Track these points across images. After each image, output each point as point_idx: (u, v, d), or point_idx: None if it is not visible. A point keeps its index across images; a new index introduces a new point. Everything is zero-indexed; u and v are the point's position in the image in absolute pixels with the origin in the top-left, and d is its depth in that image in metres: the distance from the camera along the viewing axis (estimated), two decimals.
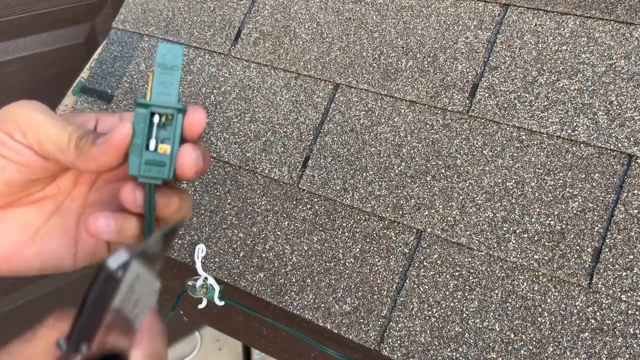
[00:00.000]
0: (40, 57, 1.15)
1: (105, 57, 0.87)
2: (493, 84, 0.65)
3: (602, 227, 0.57)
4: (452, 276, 0.62)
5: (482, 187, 0.63)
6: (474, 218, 0.62)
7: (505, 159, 0.62)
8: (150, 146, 0.35)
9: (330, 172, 0.70)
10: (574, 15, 0.64)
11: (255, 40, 0.79)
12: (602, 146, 0.59)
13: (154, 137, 0.35)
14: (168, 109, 0.35)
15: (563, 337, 0.56)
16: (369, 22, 0.73)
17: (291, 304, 0.67)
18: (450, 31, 0.69)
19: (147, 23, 0.86)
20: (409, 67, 0.70)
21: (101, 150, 0.34)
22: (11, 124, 0.36)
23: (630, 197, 0.57)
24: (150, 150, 0.35)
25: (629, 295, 0.54)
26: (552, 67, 0.63)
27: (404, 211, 0.65)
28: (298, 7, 0.78)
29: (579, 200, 0.59)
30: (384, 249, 0.65)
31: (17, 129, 0.36)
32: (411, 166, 0.66)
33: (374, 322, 0.63)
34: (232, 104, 0.77)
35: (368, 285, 0.64)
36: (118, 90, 0.84)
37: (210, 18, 0.82)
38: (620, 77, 0.60)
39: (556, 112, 0.62)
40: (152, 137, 0.35)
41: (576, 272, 0.57)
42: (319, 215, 0.69)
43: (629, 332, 0.54)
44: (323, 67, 0.74)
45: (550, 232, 0.59)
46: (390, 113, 0.69)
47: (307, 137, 0.72)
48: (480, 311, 0.59)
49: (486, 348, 0.58)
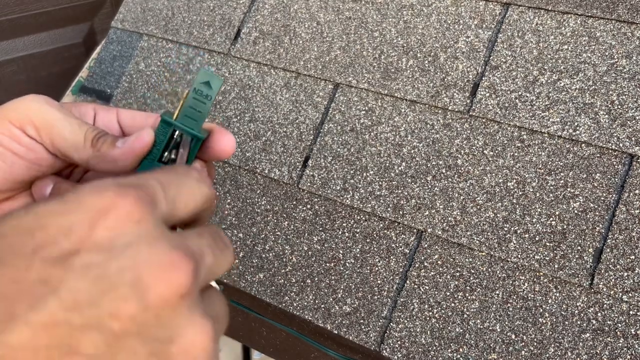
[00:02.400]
0: (39, 56, 1.14)
1: (104, 56, 0.87)
2: (494, 83, 0.65)
3: (604, 227, 0.57)
4: (452, 277, 0.61)
5: (483, 187, 0.62)
6: (475, 218, 0.62)
7: (506, 159, 0.62)
8: (163, 158, 0.36)
9: (330, 172, 0.69)
10: (575, 15, 0.64)
11: (255, 39, 0.78)
12: (604, 146, 0.59)
13: (169, 151, 0.37)
14: (190, 134, 0.36)
15: (564, 338, 0.56)
16: (369, 22, 0.73)
17: (291, 304, 0.67)
18: (451, 30, 0.69)
19: (147, 22, 0.86)
20: (409, 66, 0.69)
21: (121, 153, 0.35)
22: (25, 118, 0.36)
23: (631, 197, 0.56)
24: (163, 161, 0.37)
25: (630, 296, 0.54)
26: (553, 66, 0.63)
27: (405, 211, 0.65)
28: (298, 7, 0.78)
29: (580, 200, 0.58)
30: (384, 250, 0.65)
31: (30, 124, 0.36)
32: (412, 166, 0.66)
33: (374, 322, 0.63)
34: (232, 103, 0.77)
35: (368, 285, 0.64)
36: (117, 90, 0.84)
37: (209, 17, 0.82)
38: (621, 76, 0.60)
39: (557, 111, 0.61)
40: (167, 150, 0.36)
41: (577, 273, 0.56)
42: (319, 215, 0.69)
43: (630, 332, 0.54)
44: (323, 67, 0.73)
45: (551, 233, 0.58)
46: (390, 113, 0.69)
47: (307, 137, 0.72)
48: (481, 312, 0.59)
49: (487, 349, 0.58)
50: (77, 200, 0.23)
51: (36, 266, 0.21)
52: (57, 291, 0.20)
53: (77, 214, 0.22)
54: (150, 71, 0.83)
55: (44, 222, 0.22)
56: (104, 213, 0.22)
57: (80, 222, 0.22)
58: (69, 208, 0.22)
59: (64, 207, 0.22)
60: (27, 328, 0.19)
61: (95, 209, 0.22)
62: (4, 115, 0.35)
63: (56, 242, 0.21)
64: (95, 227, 0.22)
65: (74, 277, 0.21)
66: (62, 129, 0.35)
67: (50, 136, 0.36)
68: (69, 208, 0.22)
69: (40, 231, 0.22)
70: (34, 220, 0.22)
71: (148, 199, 0.24)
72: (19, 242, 0.21)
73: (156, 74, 0.83)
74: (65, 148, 0.36)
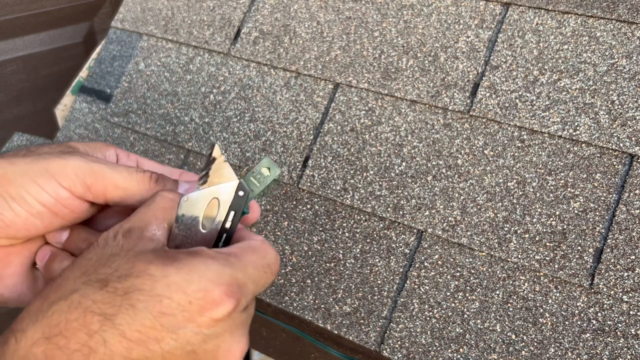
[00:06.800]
0: (39, 56, 1.14)
1: (104, 56, 0.87)
2: (494, 83, 0.65)
3: (604, 227, 0.57)
4: (453, 277, 0.61)
5: (483, 187, 0.62)
6: (475, 218, 0.62)
7: (506, 159, 0.62)
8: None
9: (330, 172, 0.69)
10: (575, 14, 0.64)
11: (255, 39, 0.78)
12: (604, 146, 0.58)
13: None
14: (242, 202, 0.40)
15: (564, 338, 0.56)
16: (370, 21, 0.73)
17: (291, 304, 0.67)
18: (451, 30, 0.69)
19: (146, 22, 0.85)
20: (409, 66, 0.69)
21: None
22: (74, 178, 0.37)
23: (631, 197, 0.56)
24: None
25: (630, 296, 0.54)
26: (553, 66, 0.63)
27: (405, 211, 0.65)
28: (298, 6, 0.77)
29: (580, 200, 0.58)
30: (385, 250, 0.65)
31: (80, 184, 0.37)
32: (412, 166, 0.66)
33: (375, 323, 0.63)
34: (232, 103, 0.77)
35: (368, 285, 0.64)
36: (117, 90, 0.84)
37: (209, 17, 0.82)
38: (622, 76, 0.60)
39: (557, 111, 0.61)
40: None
41: (577, 273, 0.56)
42: (319, 215, 0.69)
43: (631, 332, 0.54)
44: (323, 67, 0.73)
45: (551, 233, 0.58)
46: (390, 113, 0.69)
47: (307, 137, 0.72)
48: (481, 312, 0.59)
49: (487, 349, 0.58)
50: (197, 283, 0.31)
51: (154, 325, 0.30)
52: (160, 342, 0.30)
53: (193, 295, 0.31)
54: (150, 71, 0.83)
55: (170, 294, 0.30)
56: (212, 307, 0.31)
57: (195, 304, 0.31)
58: (188, 292, 0.31)
59: (185, 285, 0.31)
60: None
61: (207, 299, 0.31)
62: (53, 173, 0.36)
63: (174, 314, 0.30)
64: (202, 314, 0.31)
65: (173, 345, 0.30)
66: (113, 179, 0.38)
67: (102, 189, 0.38)
68: (188, 291, 0.31)
69: (167, 300, 0.30)
70: (164, 288, 0.30)
71: (243, 303, 0.33)
72: (152, 304, 0.30)
73: (156, 74, 0.83)
74: (119, 196, 0.38)
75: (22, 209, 0.35)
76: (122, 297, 0.30)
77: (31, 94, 1.18)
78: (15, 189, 0.35)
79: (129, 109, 0.82)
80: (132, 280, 0.31)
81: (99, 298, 0.30)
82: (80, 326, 0.29)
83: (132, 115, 0.82)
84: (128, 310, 0.30)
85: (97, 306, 0.30)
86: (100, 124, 0.84)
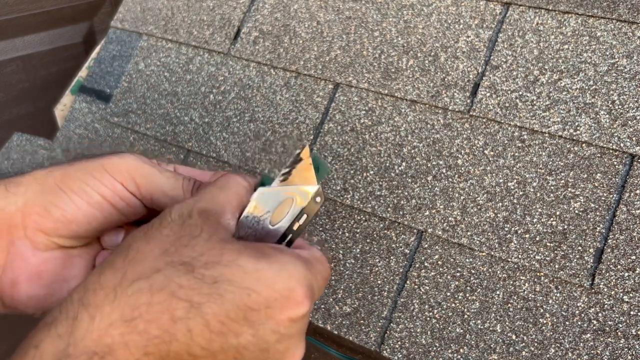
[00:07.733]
0: (39, 56, 1.14)
1: (103, 56, 0.87)
2: (494, 83, 0.65)
3: (604, 228, 0.57)
4: (453, 277, 0.61)
5: (484, 187, 0.62)
6: (475, 218, 0.61)
7: (506, 159, 0.62)
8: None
9: (331, 172, 0.69)
10: (575, 14, 0.64)
11: (254, 39, 0.78)
12: (604, 146, 0.58)
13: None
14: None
15: (565, 338, 0.56)
16: (370, 21, 0.73)
17: None
18: (452, 30, 0.69)
19: (146, 22, 0.85)
20: (409, 66, 0.69)
21: None
22: (126, 174, 0.38)
23: (632, 197, 0.56)
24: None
25: (631, 296, 0.54)
26: (553, 66, 0.63)
27: (405, 211, 0.65)
28: (298, 6, 0.77)
29: (580, 201, 0.58)
30: (385, 250, 0.64)
31: (131, 180, 0.38)
32: (412, 166, 0.66)
33: (375, 323, 0.63)
34: (232, 103, 0.77)
35: (368, 286, 0.64)
36: (116, 90, 0.84)
37: (209, 17, 0.82)
38: (622, 76, 0.60)
39: (558, 111, 0.61)
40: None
41: (578, 273, 0.56)
42: (318, 215, 0.68)
43: (631, 333, 0.53)
44: (323, 67, 0.73)
45: (552, 233, 0.58)
46: (390, 112, 0.69)
47: (307, 137, 0.72)
48: (481, 312, 0.59)
49: (487, 349, 0.58)
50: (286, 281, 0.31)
51: (237, 318, 0.29)
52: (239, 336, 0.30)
53: (280, 292, 0.30)
54: (149, 71, 0.83)
55: (260, 288, 0.30)
56: (293, 306, 0.31)
57: (279, 301, 0.30)
58: (276, 288, 0.30)
59: (275, 281, 0.30)
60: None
61: (291, 298, 0.31)
62: (107, 169, 0.38)
63: (259, 309, 0.30)
64: (283, 312, 0.30)
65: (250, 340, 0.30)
66: (161, 184, 0.39)
67: (150, 191, 0.39)
68: (276, 287, 0.30)
69: (255, 294, 0.30)
70: (254, 282, 0.30)
71: (313, 302, 0.33)
72: (240, 296, 0.29)
73: (156, 73, 0.83)
74: (165, 200, 0.39)
75: (83, 201, 0.37)
76: (210, 286, 0.29)
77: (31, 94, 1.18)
78: (75, 182, 0.37)
79: (128, 108, 0.82)
80: (220, 269, 0.30)
81: (185, 283, 0.29)
82: (164, 310, 0.28)
83: (131, 115, 0.82)
84: (217, 300, 0.29)
85: (184, 292, 0.28)
86: (100, 124, 0.84)
